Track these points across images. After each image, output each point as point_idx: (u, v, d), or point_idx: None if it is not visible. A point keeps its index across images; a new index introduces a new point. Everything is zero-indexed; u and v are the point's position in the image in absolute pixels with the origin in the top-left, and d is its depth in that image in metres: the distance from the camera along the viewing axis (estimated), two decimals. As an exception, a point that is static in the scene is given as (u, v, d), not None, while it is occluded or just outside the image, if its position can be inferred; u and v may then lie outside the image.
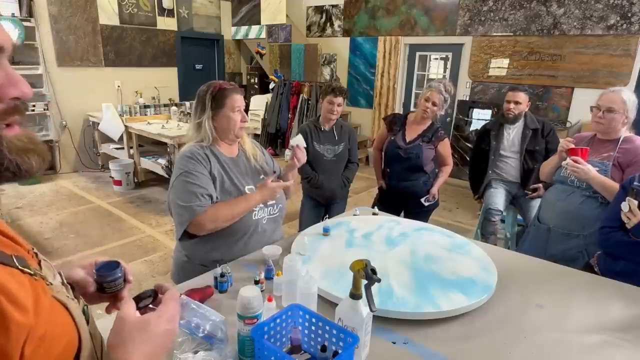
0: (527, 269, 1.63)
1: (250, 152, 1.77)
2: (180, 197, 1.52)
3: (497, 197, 3.08)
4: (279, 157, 7.04)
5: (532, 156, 2.97)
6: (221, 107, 1.60)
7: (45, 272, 0.56)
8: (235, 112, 1.62)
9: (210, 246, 1.62)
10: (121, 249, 3.58)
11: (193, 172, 1.54)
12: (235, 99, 1.62)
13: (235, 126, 1.63)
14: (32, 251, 0.58)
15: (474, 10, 5.41)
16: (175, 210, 1.54)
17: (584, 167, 1.93)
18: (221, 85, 1.62)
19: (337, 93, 2.66)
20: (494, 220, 3.05)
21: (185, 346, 1.05)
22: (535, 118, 3.00)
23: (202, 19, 7.09)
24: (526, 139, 2.95)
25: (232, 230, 1.59)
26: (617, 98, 1.98)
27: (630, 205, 1.59)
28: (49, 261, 0.62)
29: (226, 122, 1.62)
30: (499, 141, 3.05)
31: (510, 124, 2.99)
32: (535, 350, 1.14)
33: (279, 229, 1.82)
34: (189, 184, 1.53)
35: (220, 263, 1.54)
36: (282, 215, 1.81)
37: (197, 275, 1.48)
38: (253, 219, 1.65)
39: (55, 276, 0.61)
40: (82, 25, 5.57)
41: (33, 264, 0.55)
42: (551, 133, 2.95)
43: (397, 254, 1.61)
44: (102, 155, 5.89)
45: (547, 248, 2.19)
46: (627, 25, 4.41)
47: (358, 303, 1.02)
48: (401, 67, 6.31)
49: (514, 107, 2.92)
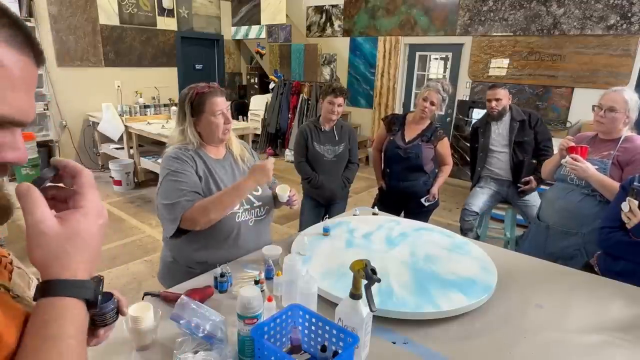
0: (527, 269, 1.63)
1: (238, 154, 1.75)
2: (168, 195, 1.51)
3: (477, 199, 3.12)
4: (278, 157, 7.04)
5: (522, 147, 2.98)
6: (202, 113, 1.59)
7: (14, 283, 0.54)
8: (217, 115, 1.59)
9: (194, 247, 1.60)
10: (121, 249, 3.58)
11: (179, 170, 1.53)
12: (215, 102, 1.58)
13: (218, 130, 1.61)
14: (7, 259, 0.56)
15: (474, 10, 5.41)
16: (164, 209, 1.52)
17: (583, 164, 1.94)
18: (199, 90, 1.59)
19: (337, 93, 2.66)
20: (467, 220, 3.08)
21: (185, 346, 1.05)
22: (520, 110, 3.02)
23: (202, 19, 7.09)
24: (514, 130, 2.97)
25: (215, 231, 1.57)
26: (619, 98, 1.98)
27: (631, 205, 1.59)
28: (24, 268, 0.60)
29: (208, 127, 1.60)
30: (487, 137, 3.07)
31: (497, 121, 3.02)
32: (535, 350, 1.14)
33: (267, 231, 1.79)
34: (176, 182, 1.52)
35: (205, 265, 1.54)
36: (269, 217, 1.78)
37: (183, 277, 1.47)
38: (236, 220, 1.62)
39: (31, 284, 0.59)
40: (82, 25, 5.57)
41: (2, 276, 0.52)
42: (539, 123, 2.97)
43: (397, 254, 1.61)
44: (102, 155, 5.89)
45: (546, 246, 2.20)
46: (627, 25, 4.41)
47: (358, 303, 1.02)
48: (401, 67, 6.31)
49: (496, 104, 2.94)
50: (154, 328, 1.10)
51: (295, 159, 2.86)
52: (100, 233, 0.53)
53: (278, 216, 4.29)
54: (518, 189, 3.02)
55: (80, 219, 0.51)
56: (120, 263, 3.32)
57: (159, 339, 1.12)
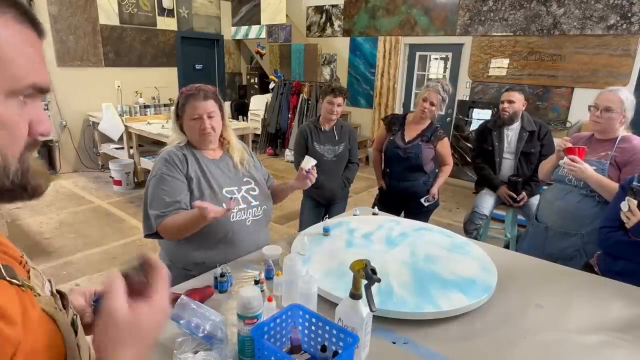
0: (527, 269, 1.63)
1: (238, 157, 1.72)
2: (149, 200, 1.55)
3: (487, 201, 3.10)
4: (278, 157, 7.04)
5: (527, 158, 2.97)
6: (183, 115, 1.59)
7: (33, 282, 0.56)
8: (195, 119, 1.56)
9: (189, 249, 1.60)
10: (121, 249, 3.58)
11: (166, 176, 1.54)
12: (194, 107, 1.55)
13: (196, 134, 1.59)
14: (21, 258, 0.58)
15: (474, 10, 5.41)
16: (145, 211, 1.57)
17: (581, 165, 1.94)
18: (185, 91, 1.59)
19: (336, 93, 2.66)
20: (477, 223, 3.06)
21: (185, 346, 1.05)
22: (532, 120, 3.00)
23: (202, 19, 7.09)
24: (522, 140, 2.95)
25: (209, 232, 1.56)
26: (615, 97, 1.98)
27: (630, 205, 1.59)
28: (37, 269, 0.61)
29: (189, 130, 1.60)
30: (501, 141, 3.05)
31: (507, 125, 3.00)
32: (535, 350, 1.14)
33: (264, 231, 1.77)
34: (159, 190, 1.53)
35: (203, 266, 1.54)
36: (267, 217, 1.77)
37: (180, 279, 1.47)
38: (231, 220, 1.61)
39: (45, 285, 0.60)
40: (82, 25, 5.57)
41: (21, 273, 0.54)
42: (547, 135, 2.96)
43: (397, 254, 1.61)
44: (102, 155, 5.89)
45: (545, 247, 2.20)
46: (627, 25, 4.41)
47: (358, 303, 1.02)
48: (401, 67, 6.31)
49: (508, 106, 2.92)
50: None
51: (295, 159, 2.87)
52: (159, 328, 0.58)
53: (278, 216, 4.29)
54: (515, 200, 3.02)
55: (146, 312, 0.56)
56: (120, 263, 3.32)
57: (159, 339, 1.12)
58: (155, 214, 1.51)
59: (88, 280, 3.03)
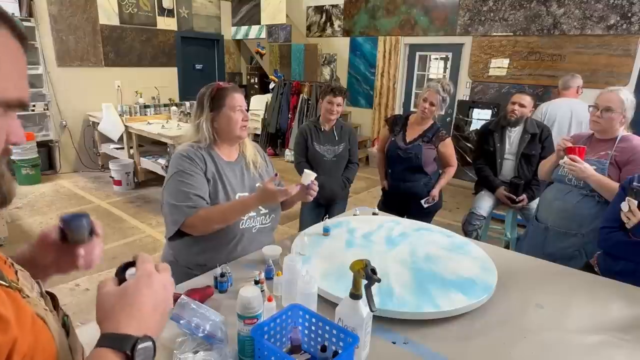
0: (527, 269, 1.63)
1: (251, 158, 1.72)
2: (173, 196, 1.51)
3: (485, 202, 3.09)
4: (278, 157, 7.04)
5: (528, 160, 2.97)
6: (221, 107, 1.58)
7: (22, 284, 0.56)
8: (236, 111, 1.59)
9: (196, 249, 1.60)
10: (121, 249, 3.58)
11: (187, 171, 1.53)
12: (235, 98, 1.60)
13: (236, 126, 1.61)
14: (8, 261, 0.58)
15: (474, 10, 5.41)
16: (168, 209, 1.53)
17: (581, 165, 1.94)
18: (220, 85, 1.61)
19: (336, 93, 2.66)
20: (474, 224, 3.06)
21: (185, 346, 1.05)
22: (535, 122, 3.00)
23: (202, 19, 7.09)
24: (524, 142, 2.95)
25: (218, 236, 1.56)
26: (615, 97, 1.98)
27: (630, 205, 1.59)
28: (25, 271, 0.62)
29: (226, 122, 1.60)
30: (503, 143, 3.04)
31: (512, 127, 2.99)
32: (535, 350, 1.14)
33: (269, 240, 1.77)
34: (183, 184, 1.51)
35: (204, 268, 1.54)
36: (274, 225, 1.77)
37: (181, 277, 1.46)
38: (240, 227, 1.61)
39: (34, 286, 0.61)
40: (82, 25, 5.57)
41: (10, 274, 0.55)
42: (548, 138, 2.96)
43: (397, 254, 1.61)
44: (102, 155, 5.89)
45: (544, 246, 2.20)
46: (627, 25, 4.41)
47: (358, 303, 1.02)
48: (401, 67, 6.31)
49: (518, 110, 2.92)
50: (154, 328, 1.10)
51: (295, 159, 2.86)
52: (150, 293, 0.59)
53: (278, 216, 4.28)
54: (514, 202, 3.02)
55: (130, 283, 0.60)
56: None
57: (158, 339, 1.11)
58: (185, 205, 1.48)
59: (88, 280, 3.03)
